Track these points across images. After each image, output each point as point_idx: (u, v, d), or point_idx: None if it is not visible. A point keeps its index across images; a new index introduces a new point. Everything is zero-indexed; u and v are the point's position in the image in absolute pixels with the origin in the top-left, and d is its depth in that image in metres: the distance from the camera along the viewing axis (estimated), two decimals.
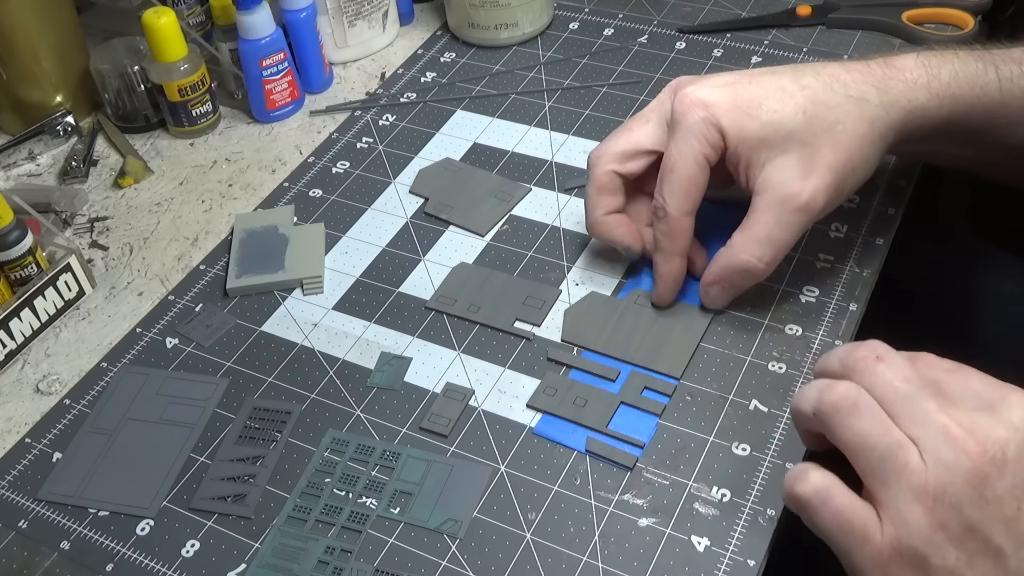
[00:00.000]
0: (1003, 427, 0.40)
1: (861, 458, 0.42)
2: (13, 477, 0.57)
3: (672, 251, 0.58)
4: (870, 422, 0.42)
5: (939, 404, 0.42)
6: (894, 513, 0.41)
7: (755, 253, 0.56)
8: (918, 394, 0.42)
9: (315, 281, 0.66)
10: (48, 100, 0.82)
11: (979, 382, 0.43)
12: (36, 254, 0.65)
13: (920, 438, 0.41)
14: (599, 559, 0.50)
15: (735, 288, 0.59)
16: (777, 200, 0.55)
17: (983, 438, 0.40)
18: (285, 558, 0.51)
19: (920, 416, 0.41)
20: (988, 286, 0.80)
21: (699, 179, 0.56)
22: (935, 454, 0.40)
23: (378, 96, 0.82)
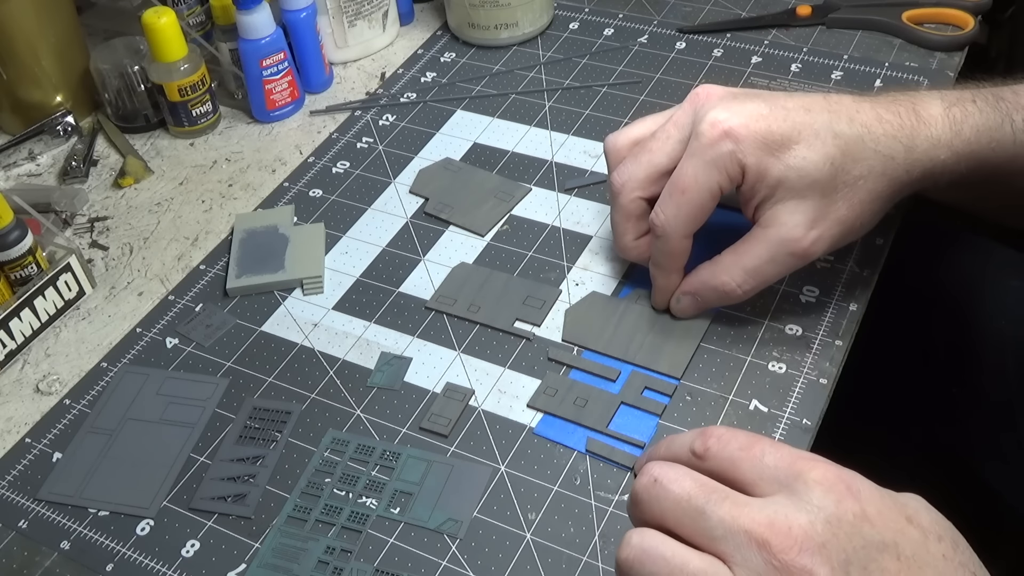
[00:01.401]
0: (805, 511, 0.38)
1: None
2: (13, 477, 0.57)
3: (670, 269, 0.59)
4: (663, 565, 0.39)
5: (732, 504, 0.39)
6: None
7: (737, 279, 0.56)
8: (707, 504, 0.39)
9: (315, 281, 0.66)
10: (48, 100, 0.82)
11: (773, 457, 0.41)
12: (36, 254, 0.65)
13: (725, 553, 0.38)
14: (599, 559, 0.50)
15: (706, 303, 0.59)
16: (778, 239, 0.55)
17: (786, 530, 0.38)
18: (285, 558, 0.51)
19: (717, 528, 0.39)
20: (992, 282, 0.80)
21: (708, 207, 0.56)
22: (744, 566, 0.38)
23: (378, 96, 0.82)
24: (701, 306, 0.59)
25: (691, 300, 0.59)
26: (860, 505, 0.39)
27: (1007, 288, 0.79)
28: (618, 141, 0.61)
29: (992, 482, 0.72)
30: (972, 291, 0.80)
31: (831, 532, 0.38)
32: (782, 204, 0.55)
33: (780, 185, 0.54)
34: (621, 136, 0.61)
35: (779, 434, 0.54)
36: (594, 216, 0.68)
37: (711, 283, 0.57)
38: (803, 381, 0.56)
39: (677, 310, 0.60)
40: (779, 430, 0.54)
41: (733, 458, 0.41)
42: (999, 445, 0.73)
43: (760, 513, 0.38)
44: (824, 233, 0.54)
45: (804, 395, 0.55)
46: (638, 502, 0.41)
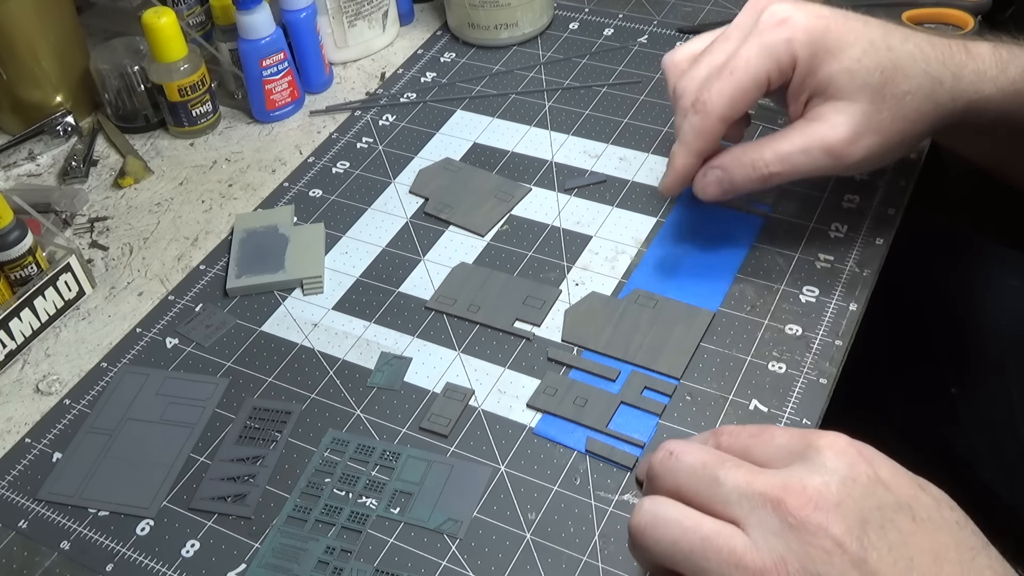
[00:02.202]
0: (817, 473, 0.38)
1: (685, 564, 0.39)
2: (13, 477, 0.57)
3: (693, 149, 0.58)
4: (675, 524, 0.39)
5: (747, 471, 0.39)
6: None
7: (767, 158, 0.56)
8: (721, 471, 0.40)
9: (315, 281, 0.66)
10: (48, 100, 0.82)
11: (784, 437, 0.41)
12: (36, 254, 0.65)
13: (739, 517, 0.38)
14: (599, 559, 0.50)
15: (732, 183, 0.58)
16: (818, 133, 0.55)
17: (800, 491, 0.38)
18: (285, 558, 0.51)
19: (731, 494, 0.39)
20: (992, 282, 0.81)
21: (752, 94, 0.56)
22: (759, 527, 0.38)
23: (378, 96, 0.82)
24: (725, 186, 0.58)
25: (717, 175, 0.58)
26: (873, 469, 0.39)
27: (1007, 288, 0.79)
28: (676, 56, 0.61)
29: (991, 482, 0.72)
30: (972, 291, 0.80)
31: (845, 492, 0.38)
32: (830, 103, 0.55)
33: (830, 83, 0.55)
34: (679, 52, 0.61)
35: None
36: (594, 216, 0.68)
37: (741, 158, 0.57)
38: (803, 381, 0.56)
39: (700, 186, 0.59)
40: None
41: (745, 445, 0.42)
42: (999, 445, 0.73)
43: (774, 477, 0.39)
44: (864, 140, 0.55)
45: (804, 395, 0.55)
46: (654, 476, 0.42)
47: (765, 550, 0.37)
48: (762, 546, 0.37)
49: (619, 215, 0.68)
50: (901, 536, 0.37)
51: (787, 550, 0.37)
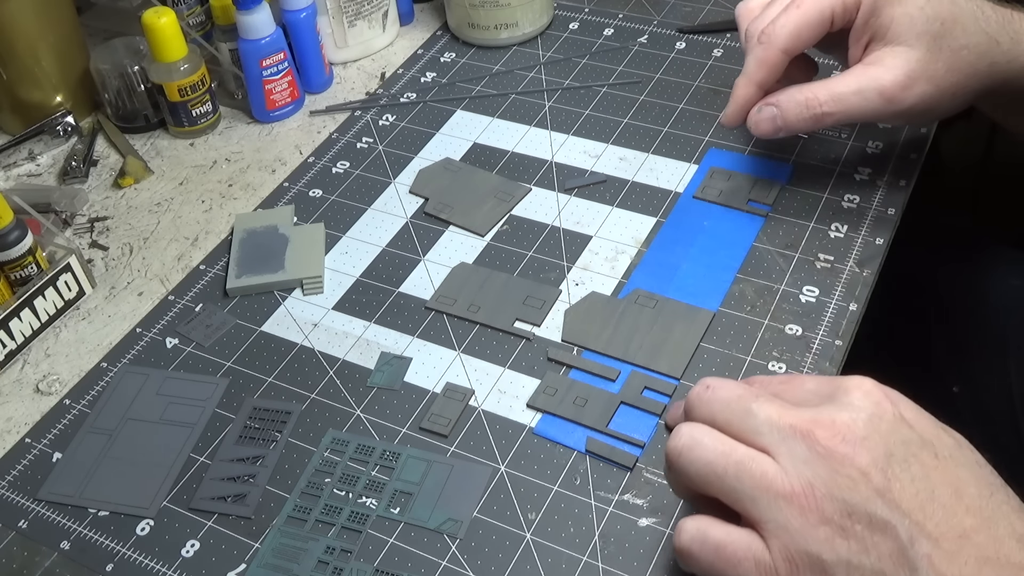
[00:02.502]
0: (845, 411, 0.41)
1: (718, 485, 0.41)
2: (13, 477, 0.57)
3: (753, 78, 0.60)
4: (711, 448, 0.42)
5: (779, 407, 0.42)
6: (772, 525, 0.40)
7: (821, 98, 0.58)
8: (755, 406, 0.42)
9: (315, 281, 0.66)
10: (48, 100, 0.82)
11: (813, 383, 0.44)
12: (36, 254, 0.65)
13: (770, 445, 0.41)
14: (599, 559, 0.50)
15: (786, 121, 0.60)
16: (874, 75, 0.57)
17: (830, 424, 0.40)
18: (285, 558, 0.51)
19: (763, 424, 0.41)
20: (993, 281, 0.81)
21: (816, 28, 0.58)
22: (789, 455, 0.40)
23: (378, 96, 0.82)
24: (778, 123, 0.60)
25: (772, 112, 0.60)
26: (899, 409, 0.41)
27: (1008, 287, 0.79)
28: (750, 3, 0.63)
29: None
30: (972, 290, 0.80)
31: (872, 428, 0.40)
32: (888, 48, 0.57)
33: (891, 27, 0.57)
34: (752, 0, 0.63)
35: None
36: (594, 216, 0.68)
37: (796, 96, 0.59)
38: None
39: (754, 121, 0.61)
40: None
41: (776, 391, 0.44)
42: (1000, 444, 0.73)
43: (804, 413, 0.41)
44: (918, 86, 0.57)
45: None
46: (691, 408, 0.44)
47: (794, 475, 0.40)
48: (791, 472, 0.40)
49: (619, 215, 0.68)
50: (924, 470, 0.39)
51: (815, 476, 0.39)
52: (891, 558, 0.38)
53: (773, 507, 0.40)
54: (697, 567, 0.42)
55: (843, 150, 0.70)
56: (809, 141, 0.71)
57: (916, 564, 0.38)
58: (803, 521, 0.39)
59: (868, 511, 0.39)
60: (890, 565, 0.38)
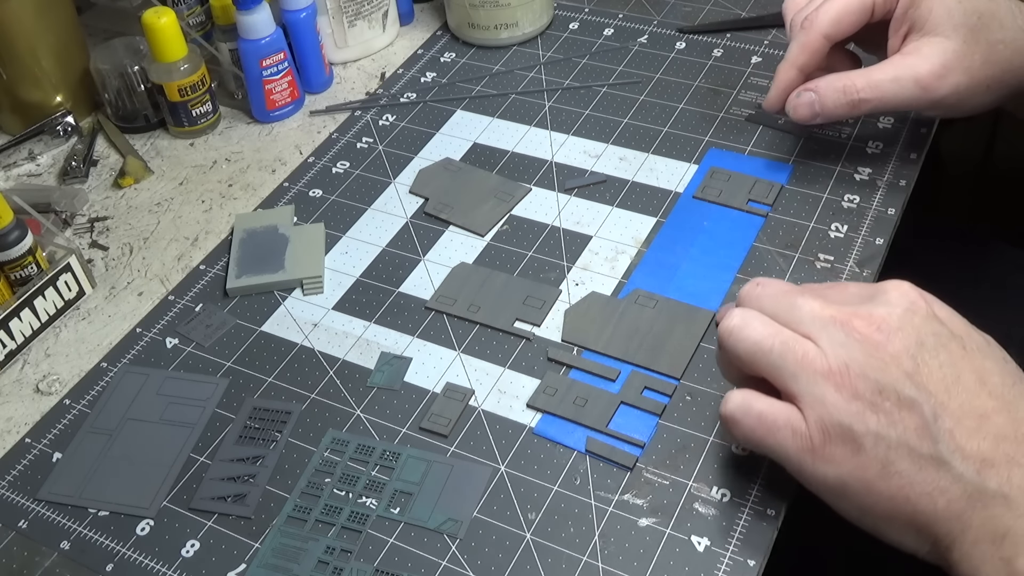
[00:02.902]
0: (882, 307, 0.45)
1: (763, 362, 0.46)
2: (13, 477, 0.57)
3: (794, 62, 0.63)
4: (760, 329, 0.46)
5: (822, 301, 0.46)
6: (810, 399, 0.44)
7: (858, 84, 0.60)
8: (800, 299, 0.47)
9: (315, 281, 0.66)
10: (48, 100, 0.82)
11: (856, 287, 0.48)
12: (36, 254, 0.65)
13: (812, 332, 0.45)
14: (599, 559, 0.50)
15: (824, 107, 0.62)
16: (910, 65, 0.59)
17: (866, 316, 0.45)
18: (285, 558, 0.51)
19: (807, 315, 0.46)
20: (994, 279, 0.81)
21: (856, 15, 0.61)
22: (829, 339, 0.45)
23: (378, 96, 0.82)
24: (816, 108, 0.62)
25: (810, 97, 0.62)
26: (932, 308, 0.46)
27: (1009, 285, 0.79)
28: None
29: None
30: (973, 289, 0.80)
31: (906, 321, 0.44)
32: (926, 38, 0.59)
33: (929, 18, 0.59)
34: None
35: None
36: (594, 216, 0.68)
37: (835, 83, 0.61)
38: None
39: (793, 106, 0.63)
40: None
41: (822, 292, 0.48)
42: None
43: (845, 307, 0.46)
44: (953, 77, 0.59)
45: None
46: (741, 301, 0.49)
47: (832, 356, 0.44)
48: (830, 353, 0.44)
49: (619, 215, 0.68)
50: (951, 358, 0.44)
51: (851, 358, 0.44)
52: (915, 431, 0.43)
53: (811, 383, 0.44)
54: (740, 433, 0.47)
55: (843, 150, 0.70)
56: (809, 141, 0.71)
57: (938, 437, 0.43)
58: (838, 396, 0.44)
59: (897, 390, 0.43)
60: (914, 437, 0.43)
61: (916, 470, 0.43)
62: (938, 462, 0.43)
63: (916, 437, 0.43)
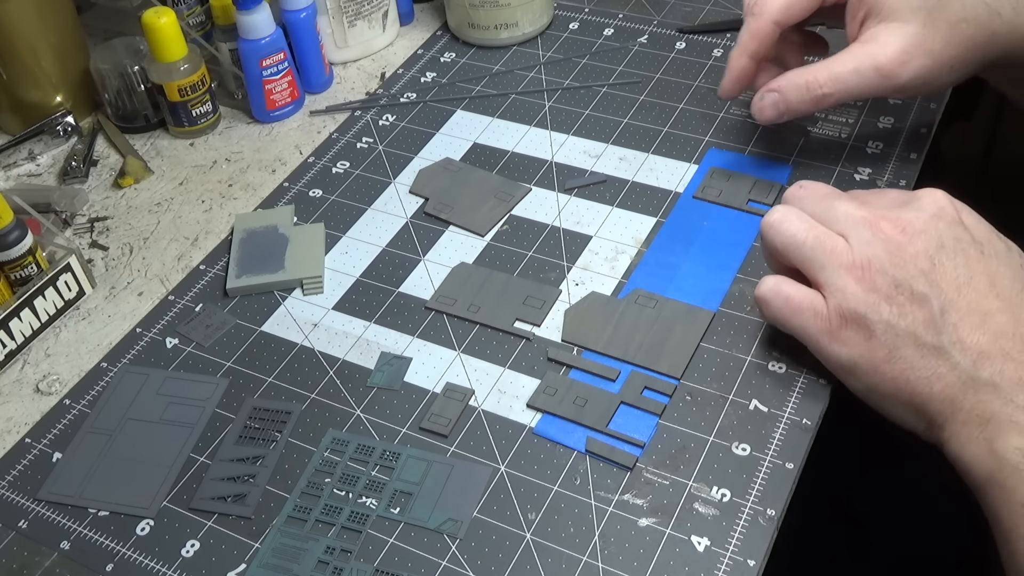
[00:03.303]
0: (912, 211, 0.50)
1: (796, 254, 0.52)
2: (13, 477, 0.57)
3: (746, 49, 0.63)
4: (797, 224, 0.52)
5: (857, 204, 0.51)
6: (832, 288, 0.50)
7: (820, 79, 0.60)
8: (836, 201, 0.52)
9: (315, 281, 0.66)
10: (48, 100, 0.82)
11: (896, 193, 0.52)
12: (36, 254, 0.65)
13: (843, 231, 0.50)
14: (599, 559, 0.50)
15: (788, 105, 0.62)
16: (870, 53, 0.59)
17: (895, 219, 0.49)
18: (285, 558, 0.51)
19: (841, 215, 0.51)
20: None
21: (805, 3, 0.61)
22: (857, 237, 0.50)
23: (378, 96, 0.82)
24: (781, 107, 0.63)
25: (774, 97, 0.63)
26: (959, 214, 0.50)
27: None
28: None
29: None
30: None
31: (930, 224, 0.49)
32: (884, 24, 0.59)
33: (886, 2, 0.58)
34: None
35: (779, 434, 0.54)
36: (594, 216, 0.68)
37: (796, 80, 0.61)
38: (803, 381, 0.56)
39: (758, 108, 0.64)
40: (779, 430, 0.54)
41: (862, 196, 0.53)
42: None
43: (876, 210, 0.50)
44: (915, 61, 0.58)
45: (804, 395, 0.55)
46: (786, 200, 0.54)
47: (858, 252, 0.49)
48: (856, 249, 0.50)
49: (619, 215, 0.68)
50: (967, 260, 0.48)
51: (874, 255, 0.49)
52: (923, 323, 0.48)
53: (836, 274, 0.50)
54: (769, 313, 0.54)
55: (843, 150, 0.70)
56: (809, 141, 0.71)
57: (942, 329, 0.47)
58: (857, 288, 0.49)
59: (911, 285, 0.48)
60: (921, 328, 0.48)
61: (919, 357, 0.48)
62: (939, 351, 0.47)
63: (923, 328, 0.48)
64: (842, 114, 0.73)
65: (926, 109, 0.73)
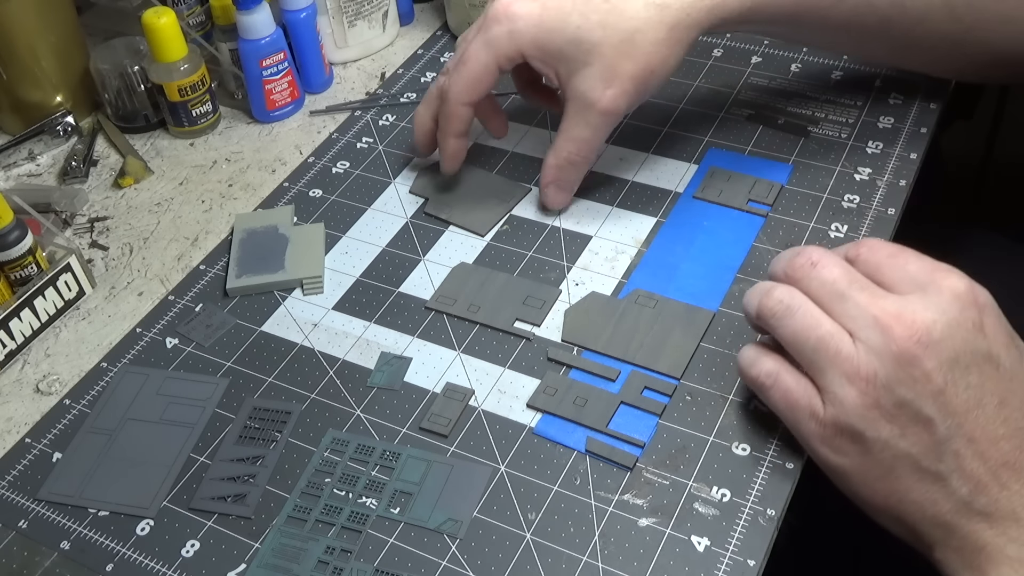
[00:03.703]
0: (932, 310, 0.45)
1: (797, 351, 0.48)
2: (13, 477, 0.57)
3: (448, 132, 0.66)
4: (802, 320, 0.48)
5: (870, 295, 0.46)
6: (832, 396, 0.46)
7: (571, 149, 0.64)
8: (849, 290, 0.47)
9: (315, 281, 0.66)
10: (48, 100, 0.82)
11: (916, 264, 0.48)
12: (36, 254, 0.65)
13: (853, 329, 0.46)
14: (599, 559, 0.50)
15: (568, 183, 0.67)
16: (583, 106, 0.61)
17: (910, 322, 0.45)
18: (285, 558, 0.51)
19: (852, 309, 0.46)
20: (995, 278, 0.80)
21: (485, 80, 0.63)
22: (866, 342, 0.45)
23: (378, 96, 0.82)
24: (564, 187, 0.67)
25: (554, 188, 0.67)
26: (980, 316, 0.46)
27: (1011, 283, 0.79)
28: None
29: None
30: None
31: (949, 334, 0.44)
32: (575, 75, 0.61)
33: (564, 57, 0.61)
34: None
35: (779, 434, 0.54)
36: (594, 216, 0.68)
37: (556, 163, 0.65)
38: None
39: (548, 202, 0.68)
40: (779, 430, 0.54)
41: (880, 264, 0.48)
42: None
43: (892, 305, 0.45)
44: (619, 90, 0.60)
45: None
46: (793, 278, 0.49)
47: (865, 361, 0.45)
48: (863, 357, 0.45)
49: (619, 215, 0.68)
50: (980, 380, 0.45)
51: (882, 367, 0.45)
52: (924, 447, 0.45)
53: (837, 382, 0.46)
54: (764, 397, 0.51)
55: (843, 150, 0.70)
56: (809, 141, 0.71)
57: (943, 456, 0.45)
58: (858, 402, 0.45)
59: (917, 407, 0.44)
60: (921, 452, 0.45)
61: (915, 480, 0.46)
62: (937, 477, 0.45)
63: (923, 452, 0.45)
64: (842, 114, 0.73)
65: (926, 109, 0.73)
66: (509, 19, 0.61)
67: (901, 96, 0.74)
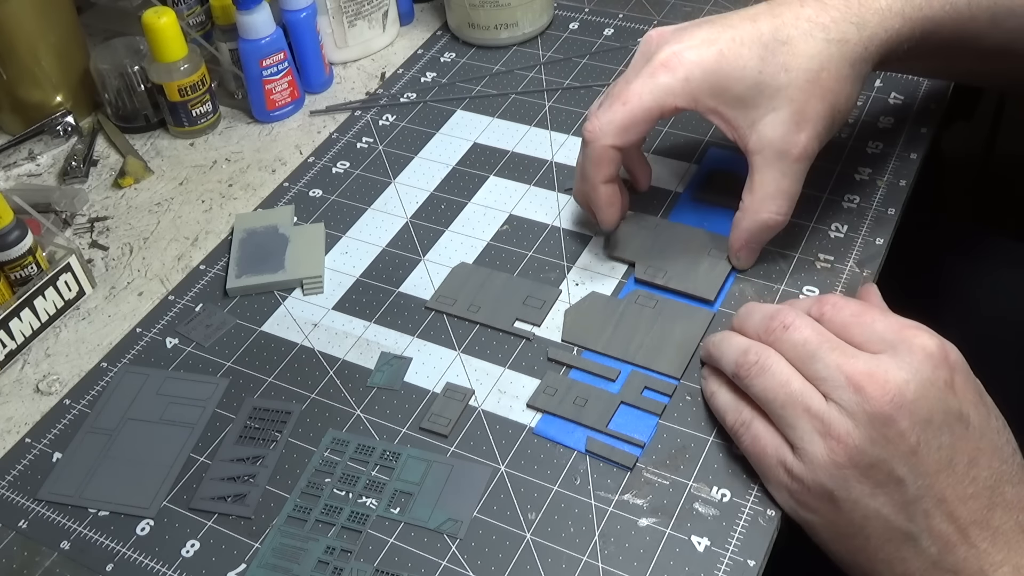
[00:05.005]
0: (904, 370, 0.45)
1: (768, 407, 0.48)
2: (13, 477, 0.57)
3: (597, 179, 0.60)
4: (772, 379, 0.48)
5: (841, 355, 0.46)
6: (803, 453, 0.46)
7: (772, 208, 0.58)
8: (820, 351, 0.47)
9: (315, 281, 0.66)
10: (48, 100, 0.82)
11: (883, 324, 0.47)
12: (36, 254, 0.65)
13: (826, 390, 0.46)
14: (599, 559, 0.50)
15: (760, 245, 0.61)
16: (776, 155, 0.57)
17: (883, 382, 0.44)
18: (285, 558, 0.51)
19: (823, 370, 0.46)
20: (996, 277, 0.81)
21: (642, 125, 0.58)
22: (839, 401, 0.45)
23: (378, 96, 0.82)
24: (756, 251, 0.62)
25: (747, 251, 0.61)
26: (952, 375, 0.46)
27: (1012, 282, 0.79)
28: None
29: None
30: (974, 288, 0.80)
31: (921, 394, 0.44)
32: (760, 123, 0.56)
33: (747, 106, 0.56)
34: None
35: None
36: None
37: (753, 227, 0.59)
38: None
39: (739, 265, 0.62)
40: None
41: (846, 323, 0.48)
42: None
43: (864, 364, 0.45)
44: (811, 132, 0.56)
45: None
46: (768, 342, 0.50)
47: (837, 420, 0.45)
48: (835, 416, 0.45)
49: None
50: (952, 439, 0.45)
51: (855, 427, 0.45)
52: (894, 507, 0.45)
53: (808, 439, 0.46)
54: (735, 441, 0.51)
55: (843, 150, 0.70)
56: None
57: (914, 516, 0.45)
58: (829, 461, 0.45)
59: (890, 467, 0.44)
60: (891, 511, 0.45)
61: (885, 540, 0.46)
62: (907, 537, 0.45)
63: (893, 512, 0.45)
64: None
65: (926, 109, 0.73)
66: (684, 66, 0.56)
67: (901, 96, 0.74)
